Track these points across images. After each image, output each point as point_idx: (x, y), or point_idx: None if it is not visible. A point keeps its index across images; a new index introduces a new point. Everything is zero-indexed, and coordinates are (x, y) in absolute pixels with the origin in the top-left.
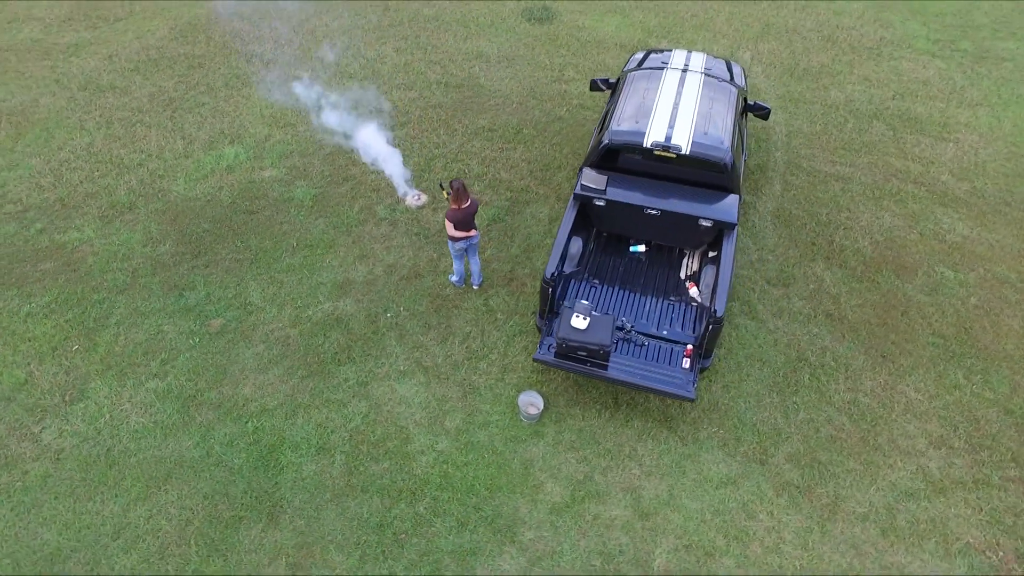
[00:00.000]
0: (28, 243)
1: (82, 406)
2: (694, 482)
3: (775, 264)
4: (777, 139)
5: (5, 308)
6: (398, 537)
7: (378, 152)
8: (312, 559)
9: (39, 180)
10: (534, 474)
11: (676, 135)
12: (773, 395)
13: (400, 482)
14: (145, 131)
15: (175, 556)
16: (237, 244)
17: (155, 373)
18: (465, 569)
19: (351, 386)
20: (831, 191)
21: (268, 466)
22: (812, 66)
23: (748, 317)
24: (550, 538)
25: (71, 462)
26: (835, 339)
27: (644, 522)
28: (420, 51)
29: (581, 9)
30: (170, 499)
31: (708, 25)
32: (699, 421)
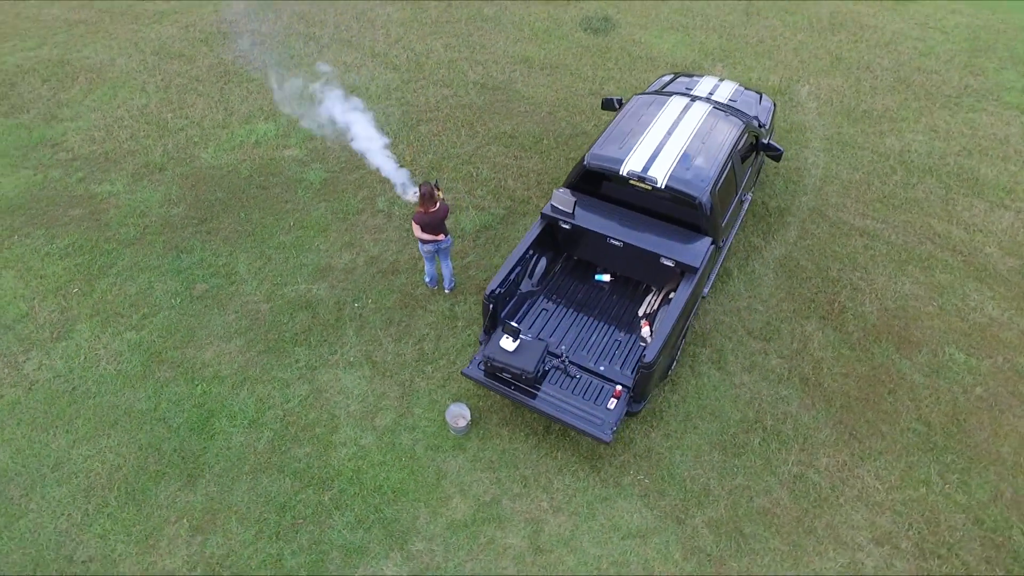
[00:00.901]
0: (67, 189)
1: (64, 345)
2: (602, 527)
3: (763, 315)
4: (809, 182)
5: (30, 245)
6: (295, 521)
7: (372, 147)
8: (212, 525)
9: (93, 133)
10: (444, 486)
11: (655, 166)
12: (715, 453)
13: (314, 469)
14: (195, 99)
15: (97, 497)
16: (241, 216)
17: (134, 325)
18: (348, 566)
19: (300, 368)
20: (851, 246)
21: (203, 430)
22: (874, 108)
23: (715, 367)
24: (439, 553)
25: (40, 394)
26: (803, 406)
27: (537, 557)
28: (468, 50)
29: (642, 24)
30: (110, 444)
31: (772, 53)
32: (627, 465)
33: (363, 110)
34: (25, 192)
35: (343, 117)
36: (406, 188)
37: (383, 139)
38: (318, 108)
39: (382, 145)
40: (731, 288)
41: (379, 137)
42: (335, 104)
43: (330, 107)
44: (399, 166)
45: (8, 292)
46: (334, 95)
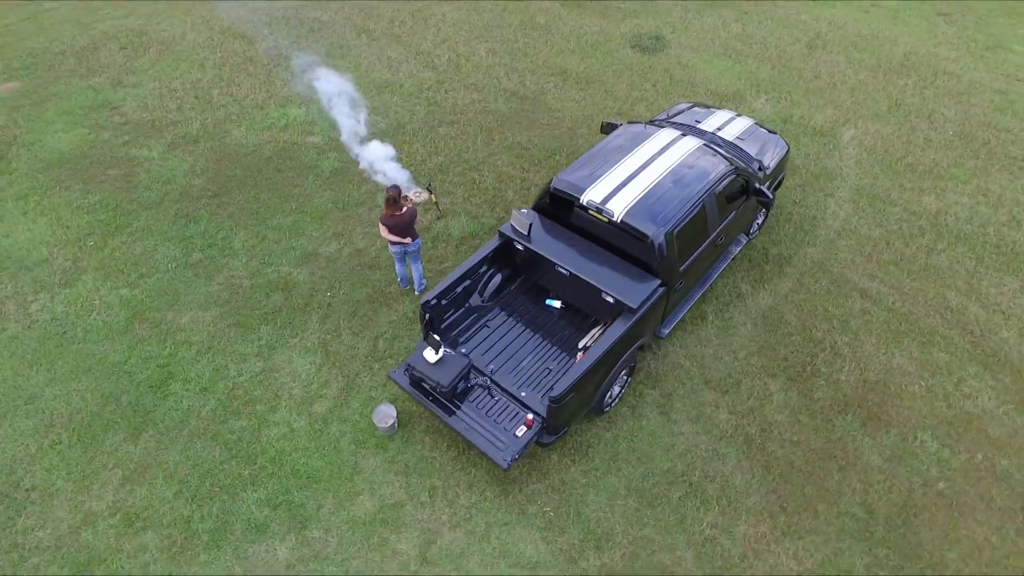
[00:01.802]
0: (111, 151)
1: (67, 292)
2: (493, 551)
3: (727, 366)
4: (822, 233)
5: (66, 197)
6: (212, 489)
7: (373, 150)
8: (141, 478)
9: (148, 101)
10: (356, 482)
11: (617, 199)
12: (631, 499)
13: (244, 443)
14: (244, 79)
15: (54, 434)
16: (251, 194)
17: (130, 283)
18: (246, 540)
19: (260, 345)
20: (847, 307)
21: (159, 389)
22: (921, 162)
23: (659, 411)
24: (331, 544)
25: (36, 332)
26: (739, 468)
27: (421, 567)
28: (509, 56)
29: (695, 46)
30: (79, 388)
31: (826, 91)
32: (537, 495)
33: (363, 107)
34: (76, 149)
35: (345, 110)
36: (407, 188)
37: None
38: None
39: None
40: (701, 332)
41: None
42: (344, 100)
43: (340, 101)
44: (402, 166)
45: (37, 237)
46: (349, 92)
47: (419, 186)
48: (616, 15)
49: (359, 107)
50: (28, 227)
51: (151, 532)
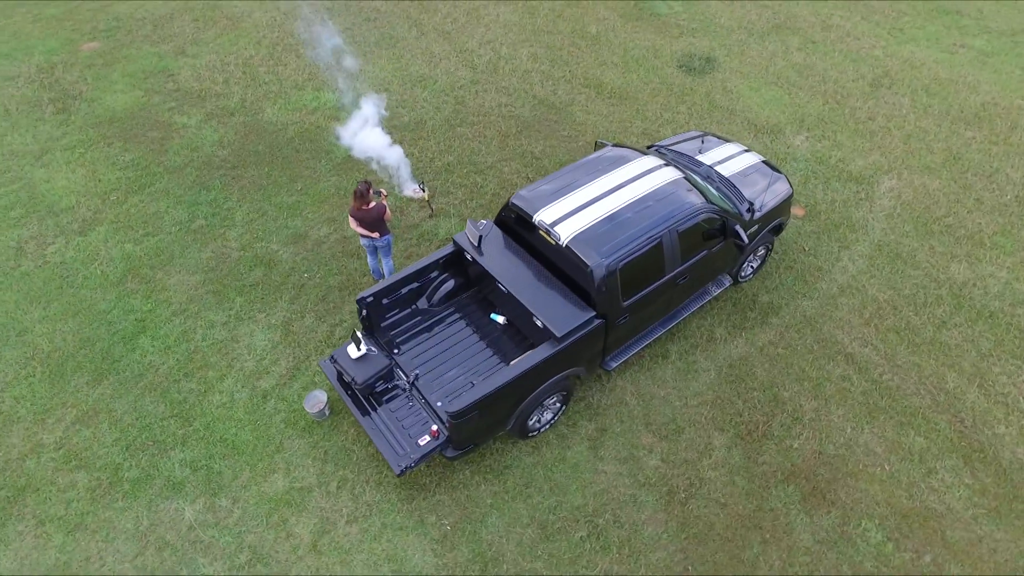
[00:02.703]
0: (156, 115)
1: (80, 240)
2: (381, 553)
3: (674, 410)
4: (823, 287)
5: (106, 152)
6: (146, 442)
7: (379, 143)
8: (91, 421)
9: (201, 72)
10: (276, 460)
11: (568, 223)
12: (531, 529)
13: (187, 404)
14: (291, 59)
15: (31, 366)
16: (264, 170)
17: (135, 239)
18: (161, 497)
19: (229, 315)
20: (826, 371)
21: (129, 341)
22: (964, 225)
23: (588, 445)
24: (235, 515)
25: (44, 273)
26: (653, 520)
27: (308, 554)
28: (549, 63)
29: (746, 72)
30: (64, 329)
31: (878, 134)
32: (440, 506)
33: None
34: (128, 109)
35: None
36: (406, 184)
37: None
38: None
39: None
40: (658, 372)
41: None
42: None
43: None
44: (409, 162)
45: (71, 186)
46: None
47: (416, 182)
48: (672, 32)
49: (373, 97)
50: (67, 176)
51: (84, 472)
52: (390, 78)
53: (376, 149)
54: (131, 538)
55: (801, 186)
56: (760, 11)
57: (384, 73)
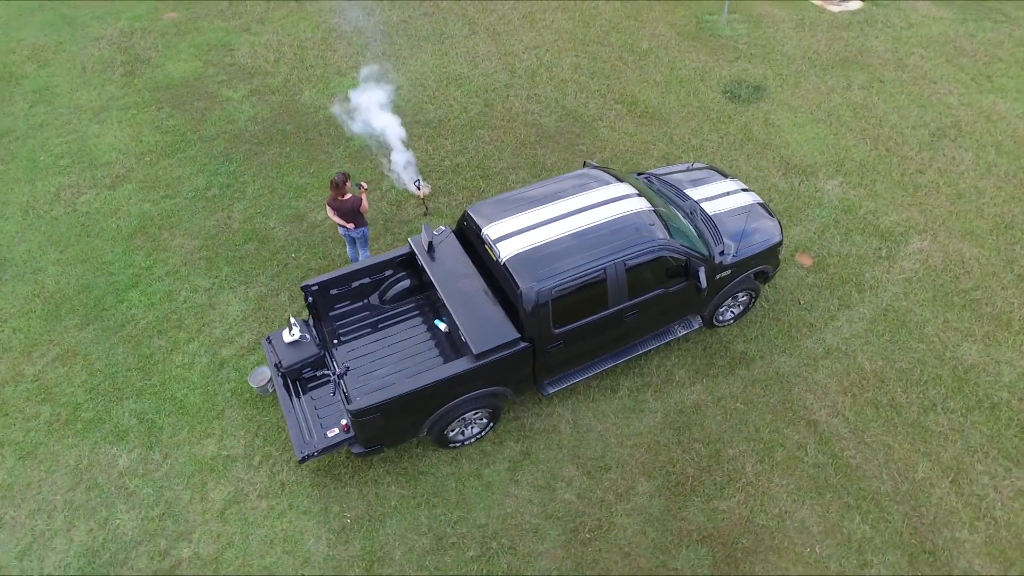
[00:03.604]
0: (207, 86)
1: (108, 194)
2: (280, 533)
3: (606, 447)
4: (808, 346)
5: (155, 116)
6: (109, 388)
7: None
8: (67, 361)
9: (257, 49)
10: (215, 426)
11: (513, 241)
12: (426, 538)
13: (153, 360)
14: (341, 46)
15: (33, 304)
16: (286, 150)
17: (153, 200)
18: (105, 442)
19: (214, 282)
20: (783, 436)
21: (121, 293)
22: (993, 302)
23: (508, 467)
24: (161, 470)
25: (70, 220)
26: (550, 554)
27: (215, 521)
28: (589, 76)
29: (796, 105)
30: (71, 273)
31: (923, 190)
32: (347, 499)
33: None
34: (185, 78)
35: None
36: (410, 180)
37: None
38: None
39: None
40: (602, 405)
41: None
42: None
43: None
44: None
45: (117, 143)
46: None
47: (413, 179)
48: (727, 55)
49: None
50: (115, 134)
51: (48, 405)
52: (428, 73)
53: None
54: (69, 473)
55: (817, 234)
56: (831, 42)
57: (424, 68)
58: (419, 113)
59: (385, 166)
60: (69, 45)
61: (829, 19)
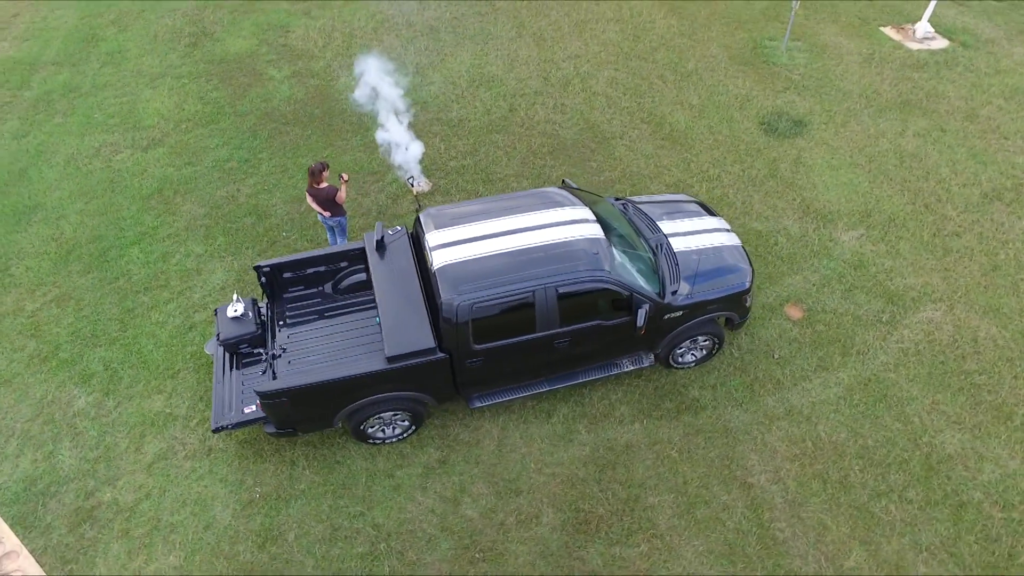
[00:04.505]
0: (255, 64)
1: (141, 155)
2: (193, 496)
3: (523, 471)
4: (769, 404)
5: (201, 87)
6: (87, 335)
7: (401, 136)
8: (62, 302)
9: (310, 33)
10: (167, 384)
11: (449, 251)
12: (323, 526)
13: (133, 314)
14: (388, 38)
15: (49, 246)
16: (307, 132)
17: (177, 165)
18: (71, 380)
19: (208, 249)
20: (710, 494)
21: (124, 248)
22: (997, 392)
23: (423, 472)
24: (111, 415)
25: (102, 175)
26: (433, 566)
27: (144, 472)
28: (623, 91)
29: (836, 146)
30: (89, 223)
31: (953, 255)
32: (262, 474)
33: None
34: (238, 55)
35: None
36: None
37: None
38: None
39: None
40: (532, 428)
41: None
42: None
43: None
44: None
45: (161, 109)
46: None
47: (407, 176)
48: (776, 84)
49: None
50: (163, 100)
51: (34, 341)
52: (462, 73)
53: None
54: (33, 405)
55: (816, 287)
56: (898, 82)
57: (460, 67)
58: (442, 111)
59: (388, 159)
60: (149, 13)
61: (903, 57)
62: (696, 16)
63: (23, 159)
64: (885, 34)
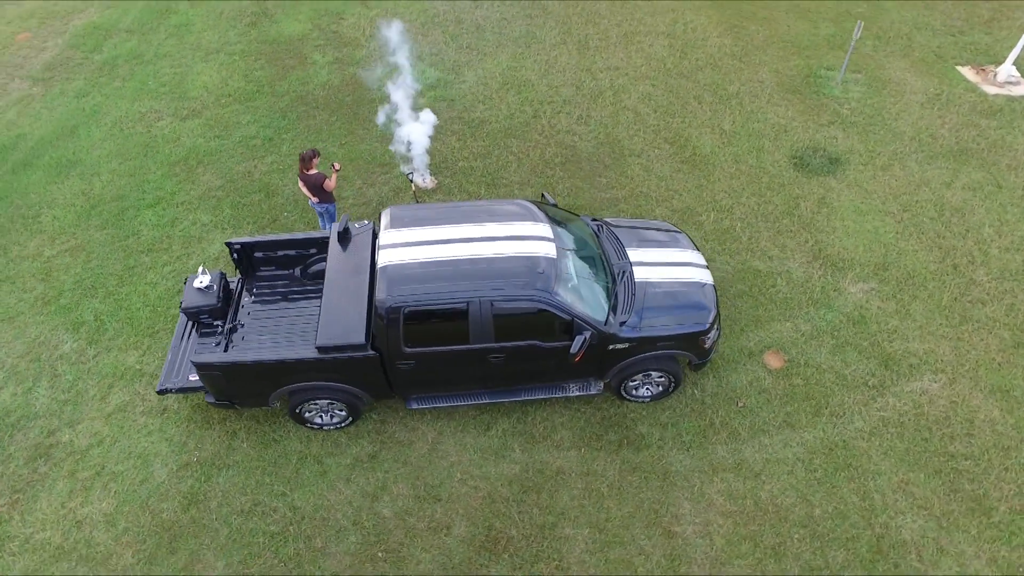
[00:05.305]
0: (302, 49)
1: (178, 124)
2: (139, 450)
3: (450, 479)
4: (716, 455)
5: (249, 65)
6: (88, 285)
7: (414, 132)
8: (74, 253)
9: (361, 23)
10: (145, 341)
11: (399, 252)
12: (245, 499)
13: (132, 273)
14: (435, 34)
15: (78, 200)
16: (333, 118)
17: (207, 137)
18: (64, 325)
19: (214, 220)
20: (627, 535)
21: (140, 211)
22: (980, 482)
23: (351, 464)
24: (89, 363)
25: (140, 139)
26: (336, 556)
27: (99, 421)
28: (654, 108)
29: (871, 190)
30: (117, 183)
31: (969, 324)
32: (206, 440)
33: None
34: (291, 37)
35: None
36: (418, 171)
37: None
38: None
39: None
40: (468, 439)
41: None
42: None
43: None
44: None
45: (207, 83)
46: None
47: (408, 171)
48: (822, 117)
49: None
50: (211, 74)
51: (42, 285)
52: (496, 75)
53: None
54: (27, 344)
55: (805, 338)
56: (961, 128)
57: (496, 68)
58: (466, 110)
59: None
60: None
61: (975, 101)
62: (753, 37)
63: (77, 117)
64: (961, 74)
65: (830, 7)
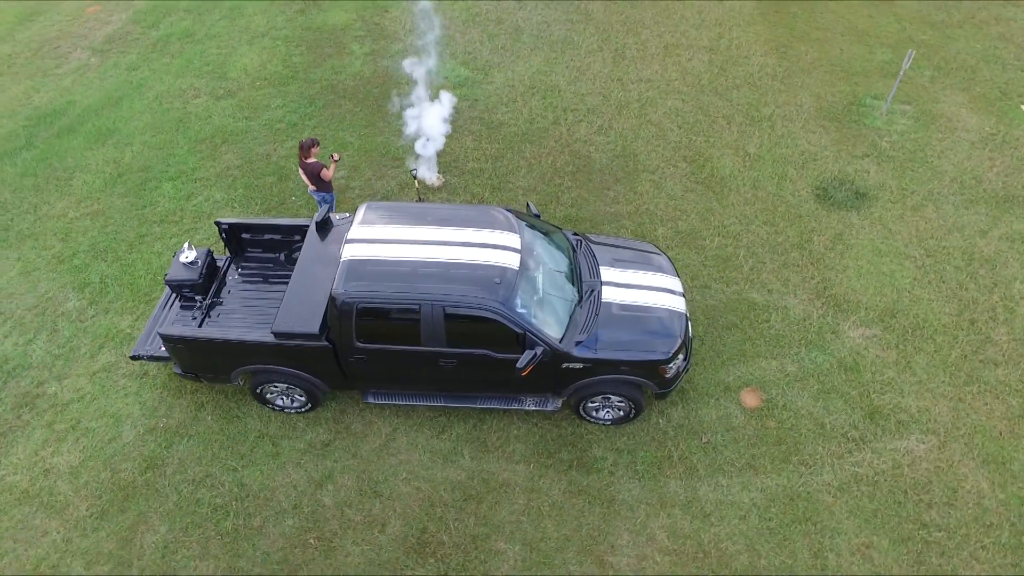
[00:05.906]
0: (341, 39)
1: (212, 104)
2: (113, 410)
3: (394, 477)
4: (669, 489)
5: (286, 52)
6: (100, 249)
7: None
8: (94, 217)
9: (403, 19)
10: (139, 308)
11: (363, 248)
12: (198, 469)
13: (142, 241)
14: (475, 33)
15: (107, 168)
16: (357, 109)
17: (236, 118)
18: (70, 284)
19: (225, 197)
20: (556, 560)
21: (160, 183)
22: (954, 558)
23: (305, 450)
24: (84, 324)
25: (175, 114)
26: (270, 537)
27: (84, 378)
28: (678, 124)
29: (893, 229)
30: (146, 154)
31: (977, 385)
32: (176, 408)
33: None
34: (334, 26)
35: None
36: (422, 169)
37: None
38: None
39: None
40: (420, 439)
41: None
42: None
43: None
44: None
45: (246, 65)
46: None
47: (412, 169)
48: (858, 149)
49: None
50: (252, 57)
51: (61, 244)
52: (524, 78)
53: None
54: (37, 298)
55: (788, 380)
56: (1012, 172)
57: (526, 72)
58: (488, 112)
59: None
60: None
61: None
62: (800, 58)
63: (124, 89)
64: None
65: (892, 32)
